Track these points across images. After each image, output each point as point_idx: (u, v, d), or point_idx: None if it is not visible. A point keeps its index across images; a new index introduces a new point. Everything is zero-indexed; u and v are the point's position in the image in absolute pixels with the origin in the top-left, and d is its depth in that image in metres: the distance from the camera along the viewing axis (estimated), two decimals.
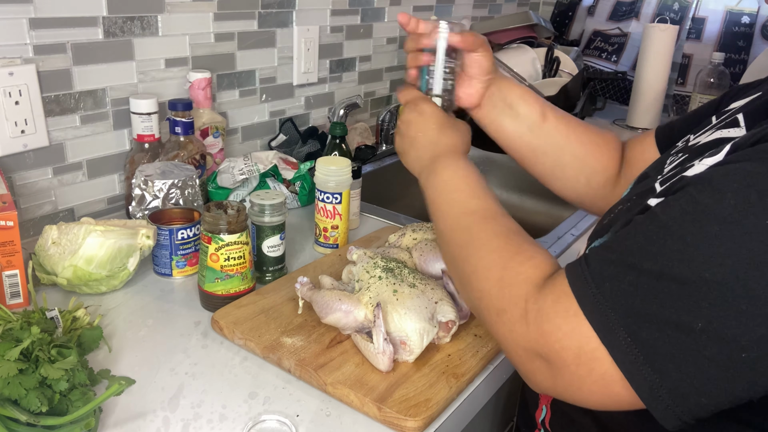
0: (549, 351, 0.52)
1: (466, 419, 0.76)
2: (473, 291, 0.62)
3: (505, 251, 0.60)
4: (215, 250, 0.83)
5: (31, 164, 1.01)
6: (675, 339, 0.45)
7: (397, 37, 1.71)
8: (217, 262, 0.84)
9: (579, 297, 0.50)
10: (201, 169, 1.14)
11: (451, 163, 0.74)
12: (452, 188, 0.72)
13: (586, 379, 0.50)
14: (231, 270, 0.85)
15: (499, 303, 0.57)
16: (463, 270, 0.65)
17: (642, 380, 0.47)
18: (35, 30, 0.96)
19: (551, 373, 0.52)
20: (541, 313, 0.52)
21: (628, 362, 0.47)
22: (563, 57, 1.85)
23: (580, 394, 0.51)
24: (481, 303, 0.60)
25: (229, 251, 0.84)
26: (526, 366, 0.55)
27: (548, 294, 0.53)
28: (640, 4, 2.21)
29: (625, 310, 0.48)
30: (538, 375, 0.54)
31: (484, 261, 0.61)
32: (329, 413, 0.70)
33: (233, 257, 0.84)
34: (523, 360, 0.55)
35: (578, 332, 0.49)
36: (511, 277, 0.57)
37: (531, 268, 0.57)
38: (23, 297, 0.84)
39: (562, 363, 0.51)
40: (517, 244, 0.61)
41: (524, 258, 0.58)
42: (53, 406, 0.61)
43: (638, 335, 0.47)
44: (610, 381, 0.48)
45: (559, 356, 0.51)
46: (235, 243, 0.84)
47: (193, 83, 1.17)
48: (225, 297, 0.86)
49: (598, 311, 0.49)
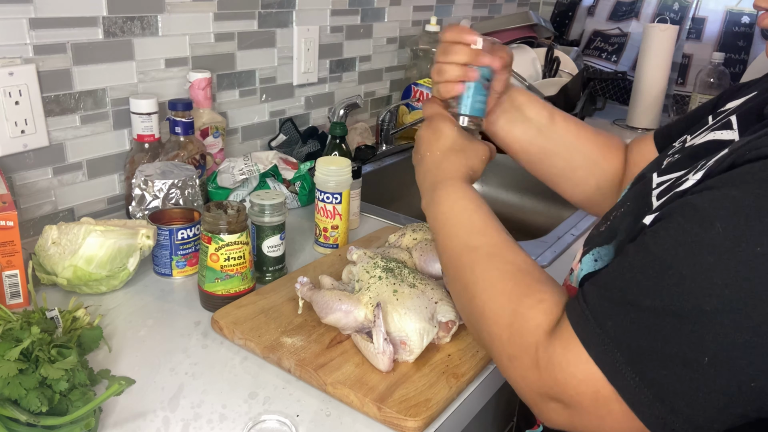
0: (565, 397, 0.51)
1: (466, 419, 0.76)
2: (482, 333, 0.61)
3: (513, 294, 0.58)
4: (215, 250, 0.83)
5: (31, 164, 1.01)
6: (682, 375, 0.45)
7: (397, 37, 1.71)
8: (217, 262, 0.84)
9: (584, 340, 0.50)
10: (201, 169, 1.14)
11: (450, 193, 0.71)
12: (452, 221, 0.69)
13: (606, 419, 0.50)
14: (231, 270, 0.85)
15: (510, 350, 0.56)
16: (470, 311, 0.63)
17: (655, 419, 0.47)
18: (35, 30, 0.96)
19: (568, 414, 0.52)
20: (553, 362, 0.52)
21: (639, 403, 0.47)
22: (563, 57, 1.85)
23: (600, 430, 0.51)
24: (492, 346, 0.59)
25: (229, 251, 0.84)
26: (541, 407, 0.55)
27: (557, 340, 0.52)
28: (640, 4, 2.21)
29: (629, 350, 0.47)
30: (553, 415, 0.54)
31: (491, 305, 0.59)
32: (329, 413, 0.70)
33: (233, 257, 0.84)
34: (537, 403, 0.55)
35: (592, 378, 0.49)
36: (520, 324, 0.56)
37: (541, 314, 0.55)
38: (23, 297, 0.84)
39: (579, 407, 0.51)
40: (525, 285, 0.59)
41: (534, 302, 0.57)
42: (53, 406, 0.61)
43: (645, 375, 0.47)
44: (630, 418, 0.48)
45: (576, 401, 0.51)
46: (235, 243, 0.84)
47: (193, 83, 1.17)
48: (225, 297, 0.86)
49: (604, 353, 0.49)
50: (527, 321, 0.56)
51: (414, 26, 1.75)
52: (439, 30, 1.67)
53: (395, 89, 1.77)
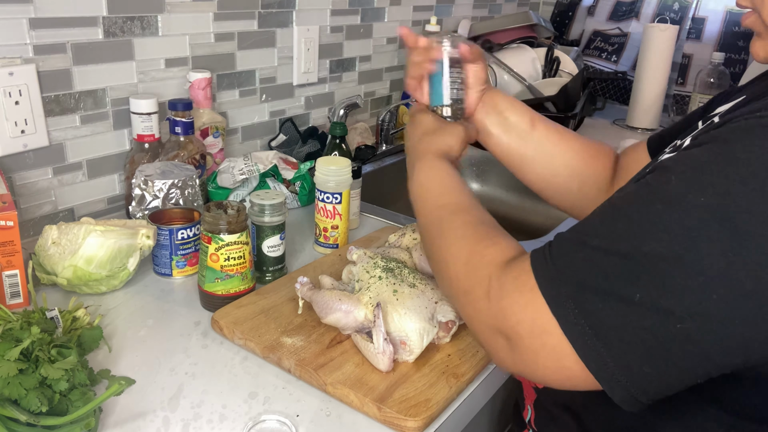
0: (506, 325, 0.54)
1: (466, 419, 0.76)
2: (445, 278, 0.65)
3: (472, 238, 0.63)
4: (215, 250, 0.83)
5: (31, 164, 1.01)
6: (617, 310, 0.47)
7: (397, 37, 1.71)
8: (217, 262, 0.84)
9: (536, 272, 0.53)
10: (201, 169, 1.14)
11: (425, 166, 0.76)
12: (426, 188, 0.74)
13: (540, 353, 0.52)
14: (231, 270, 0.85)
15: (466, 284, 0.60)
16: (437, 261, 0.67)
17: (588, 350, 0.49)
18: (35, 30, 0.96)
19: (510, 349, 0.54)
20: (502, 290, 0.55)
21: (576, 333, 0.49)
22: (563, 57, 1.85)
23: (535, 369, 0.53)
24: (451, 288, 0.63)
25: (229, 251, 0.84)
26: (490, 344, 0.57)
27: (510, 272, 0.56)
28: (640, 4, 2.21)
29: (574, 284, 0.50)
30: (500, 352, 0.56)
31: (453, 248, 0.64)
32: (329, 413, 0.70)
33: (233, 257, 0.84)
34: (486, 338, 0.57)
35: (532, 305, 0.52)
36: (477, 260, 0.60)
37: (496, 251, 0.60)
38: (23, 297, 0.84)
39: (517, 337, 0.53)
40: (484, 231, 0.64)
41: (490, 243, 0.61)
42: (53, 406, 0.61)
43: (585, 307, 0.49)
44: (562, 354, 0.50)
45: (515, 330, 0.53)
46: (235, 243, 0.84)
47: (193, 83, 1.17)
48: (225, 297, 0.86)
49: (551, 285, 0.51)
50: (482, 257, 0.60)
51: (414, 26, 1.75)
52: (439, 30, 1.67)
53: (395, 89, 1.77)
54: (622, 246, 0.48)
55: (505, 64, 1.72)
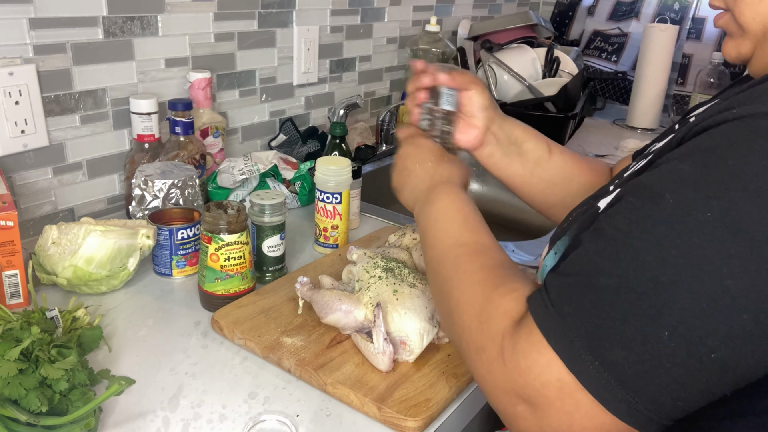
0: (529, 389, 0.49)
1: (466, 419, 0.76)
2: (455, 326, 0.59)
3: (488, 283, 0.58)
4: (215, 250, 0.83)
5: (31, 164, 1.01)
6: (642, 353, 0.44)
7: (397, 37, 1.71)
8: (217, 262, 0.84)
9: (543, 329, 0.49)
10: (201, 169, 1.14)
11: (447, 193, 0.72)
12: (446, 218, 0.69)
13: (575, 415, 0.47)
14: (231, 270, 0.85)
15: (479, 339, 0.54)
16: (447, 304, 0.62)
17: (618, 403, 0.46)
18: (35, 30, 0.96)
19: (536, 417, 0.49)
20: (516, 349, 0.50)
21: (600, 388, 0.46)
22: (563, 57, 1.85)
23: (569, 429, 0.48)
24: (462, 339, 0.57)
25: (229, 251, 0.84)
26: (509, 411, 0.52)
27: (523, 328, 0.51)
28: (640, 4, 2.21)
29: (587, 334, 0.46)
30: (521, 422, 0.51)
31: (466, 294, 0.59)
32: (329, 413, 0.70)
33: (233, 257, 0.84)
34: (505, 405, 0.52)
35: (555, 367, 0.47)
36: (490, 311, 0.55)
37: (512, 301, 0.54)
38: (23, 297, 0.84)
39: (545, 401, 0.48)
40: (503, 276, 0.58)
41: (507, 290, 0.56)
42: (53, 406, 0.61)
43: (604, 358, 0.45)
44: (598, 411, 0.46)
45: (541, 394, 0.48)
46: (235, 243, 0.84)
47: (193, 83, 1.17)
48: (225, 297, 0.86)
49: (563, 339, 0.47)
50: (497, 308, 0.54)
51: (414, 26, 1.75)
52: (438, 30, 1.67)
53: (395, 89, 1.77)
54: (634, 281, 0.44)
55: (505, 64, 1.72)
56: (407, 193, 0.79)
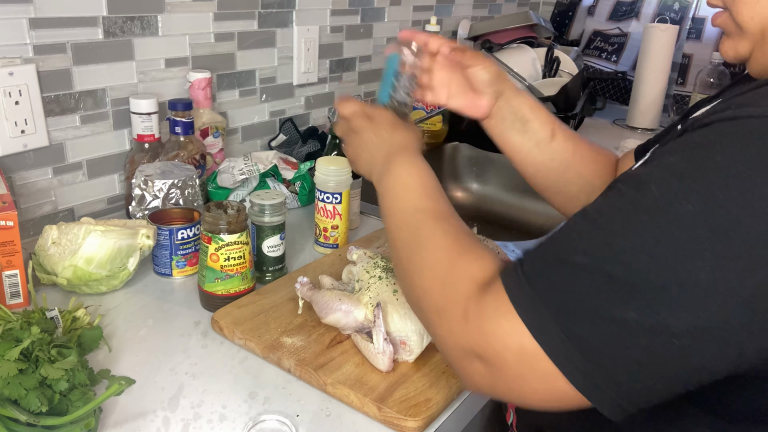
0: (489, 351, 0.51)
1: (466, 419, 0.76)
2: (415, 289, 0.61)
3: (453, 250, 0.59)
4: (215, 250, 0.83)
5: (31, 164, 1.01)
6: (608, 331, 0.45)
7: (398, 37, 1.71)
8: (217, 262, 0.84)
9: (512, 295, 0.50)
10: (201, 169, 1.14)
11: (406, 160, 0.72)
12: (406, 185, 0.70)
13: (528, 378, 0.49)
14: (231, 270, 0.85)
15: (441, 301, 0.56)
16: (406, 268, 0.63)
17: (578, 373, 0.47)
18: (35, 30, 0.96)
19: (491, 374, 0.51)
20: (482, 313, 0.52)
21: (563, 357, 0.47)
22: (563, 57, 1.85)
23: (521, 393, 0.51)
24: (422, 302, 0.59)
25: (229, 251, 0.84)
26: (465, 368, 0.54)
27: (490, 293, 0.52)
28: (640, 4, 2.21)
29: (557, 307, 0.48)
30: (476, 377, 0.53)
31: (430, 259, 0.60)
32: (329, 413, 0.70)
33: (233, 257, 0.84)
34: (461, 361, 0.54)
35: (519, 333, 0.49)
36: (455, 275, 0.56)
37: (477, 269, 0.56)
38: (23, 297, 0.84)
39: (503, 363, 0.50)
40: (467, 244, 0.60)
41: (472, 258, 0.57)
42: (53, 406, 0.61)
43: (571, 330, 0.47)
44: (552, 379, 0.48)
45: (500, 356, 0.50)
46: (235, 243, 0.84)
47: (193, 83, 1.17)
48: (225, 297, 0.86)
49: (531, 309, 0.49)
50: (463, 273, 0.56)
51: (414, 26, 1.75)
52: (438, 30, 1.67)
53: None
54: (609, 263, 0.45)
55: (505, 64, 1.72)
56: (364, 163, 0.79)
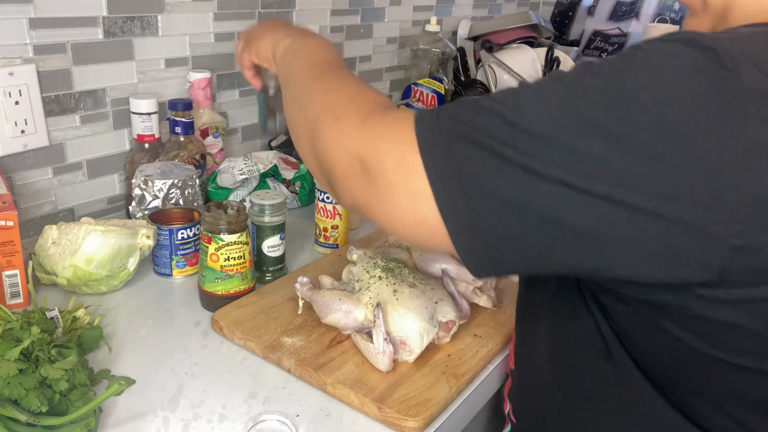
0: (373, 153, 0.52)
1: (466, 419, 0.76)
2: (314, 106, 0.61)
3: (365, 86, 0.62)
4: (215, 250, 0.83)
5: (31, 164, 1.01)
6: (485, 161, 0.46)
7: (397, 37, 1.71)
8: (217, 262, 0.84)
9: (417, 118, 0.52)
10: (201, 169, 1.14)
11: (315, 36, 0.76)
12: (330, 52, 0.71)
13: (398, 190, 0.50)
14: (231, 270, 0.85)
15: (344, 110, 0.57)
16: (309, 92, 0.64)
17: (446, 194, 0.48)
18: (35, 30, 0.96)
19: (366, 181, 0.52)
20: (381, 122, 0.54)
21: (437, 174, 0.48)
22: (563, 57, 1.85)
23: (387, 205, 0.51)
24: (320, 114, 0.59)
25: (229, 251, 0.84)
26: (345, 173, 0.55)
27: (395, 111, 0.55)
28: (640, 4, 2.21)
29: (451, 130, 0.49)
30: (353, 183, 0.54)
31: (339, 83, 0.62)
32: (329, 413, 0.70)
33: (233, 257, 0.84)
34: (342, 162, 0.55)
35: (408, 143, 0.50)
36: (364, 96, 0.59)
37: (386, 99, 0.59)
38: (23, 297, 0.84)
39: (380, 167, 0.51)
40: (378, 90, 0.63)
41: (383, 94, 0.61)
42: (53, 406, 0.61)
43: (454, 152, 0.48)
44: (421, 197, 0.49)
45: (381, 160, 0.51)
46: (235, 243, 0.84)
47: (193, 83, 1.17)
48: (225, 297, 0.86)
49: (428, 129, 0.50)
50: (374, 95, 0.59)
51: (414, 26, 1.75)
52: (438, 30, 1.67)
53: (395, 89, 1.77)
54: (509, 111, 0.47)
55: (505, 64, 1.72)
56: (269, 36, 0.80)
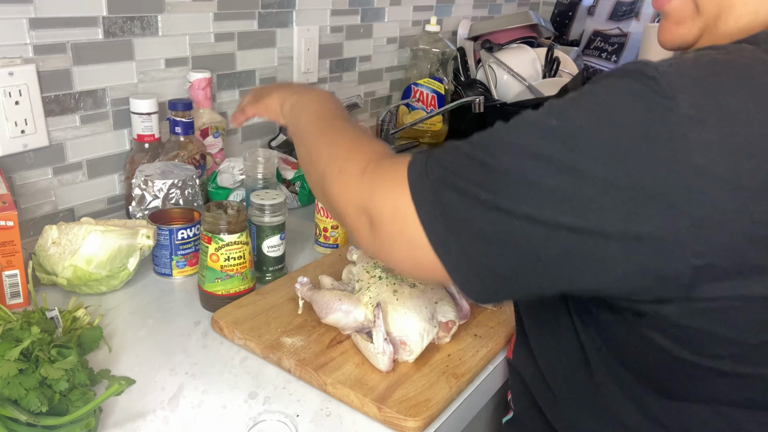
0: (372, 206, 0.56)
1: (466, 419, 0.76)
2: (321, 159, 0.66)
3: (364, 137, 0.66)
4: (215, 250, 0.83)
5: (31, 164, 1.01)
6: (467, 204, 0.50)
7: (397, 37, 1.71)
8: (217, 262, 0.84)
9: (410, 166, 0.55)
10: (201, 169, 1.14)
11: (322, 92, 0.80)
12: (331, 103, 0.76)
13: (397, 239, 0.54)
14: (231, 270, 0.85)
15: (345, 163, 0.62)
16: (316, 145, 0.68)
17: (438, 236, 0.51)
18: (35, 30, 0.96)
19: (372, 230, 0.56)
20: (376, 173, 0.58)
21: (429, 217, 0.52)
22: (563, 57, 1.85)
23: (391, 253, 0.56)
24: (327, 167, 0.64)
25: (229, 251, 0.84)
26: (354, 221, 0.59)
27: (390, 160, 0.59)
28: (640, 4, 2.21)
29: (436, 176, 0.52)
30: (362, 231, 0.58)
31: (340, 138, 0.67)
32: (329, 413, 0.70)
33: (233, 257, 0.84)
34: (352, 215, 0.59)
35: (400, 192, 0.54)
36: (362, 147, 0.63)
37: (383, 147, 0.63)
38: (23, 297, 0.84)
39: (379, 219, 0.55)
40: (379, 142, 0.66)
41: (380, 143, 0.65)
42: (53, 406, 0.61)
43: (440, 196, 0.51)
44: (417, 244, 0.53)
45: (379, 211, 0.55)
46: (235, 243, 0.84)
47: (193, 83, 1.17)
48: (225, 297, 0.86)
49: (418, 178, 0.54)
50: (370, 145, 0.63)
51: (414, 26, 1.75)
52: (438, 30, 1.67)
53: (395, 89, 1.77)
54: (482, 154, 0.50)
55: (505, 64, 1.72)
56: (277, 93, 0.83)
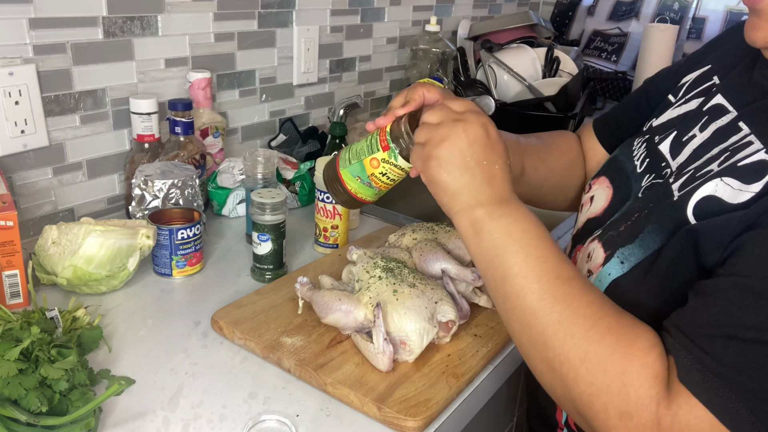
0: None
1: (466, 419, 0.76)
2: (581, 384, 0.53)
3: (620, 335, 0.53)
4: (382, 159, 0.75)
5: (31, 164, 1.01)
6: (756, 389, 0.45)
7: (397, 37, 1.71)
8: (376, 168, 0.76)
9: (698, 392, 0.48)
10: (201, 169, 1.14)
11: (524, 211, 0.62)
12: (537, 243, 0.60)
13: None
14: (377, 183, 0.77)
15: (623, 405, 0.51)
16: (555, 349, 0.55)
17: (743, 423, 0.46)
18: (35, 30, 0.96)
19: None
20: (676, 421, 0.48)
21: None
22: (563, 57, 1.85)
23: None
24: (596, 400, 0.52)
25: (390, 170, 0.76)
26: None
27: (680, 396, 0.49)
28: (640, 4, 2.21)
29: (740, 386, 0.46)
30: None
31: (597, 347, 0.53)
32: (329, 413, 0.70)
33: (389, 176, 0.77)
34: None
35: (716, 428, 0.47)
36: (635, 373, 0.51)
37: (657, 362, 0.51)
38: (23, 297, 0.84)
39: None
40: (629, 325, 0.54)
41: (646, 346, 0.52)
42: (53, 406, 0.61)
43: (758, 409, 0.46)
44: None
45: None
46: (401, 169, 0.76)
47: (193, 83, 1.17)
48: (348, 192, 0.79)
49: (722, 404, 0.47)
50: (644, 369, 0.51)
51: (414, 26, 1.75)
52: (438, 30, 1.67)
53: (395, 89, 1.77)
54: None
55: (505, 64, 1.72)
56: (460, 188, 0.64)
